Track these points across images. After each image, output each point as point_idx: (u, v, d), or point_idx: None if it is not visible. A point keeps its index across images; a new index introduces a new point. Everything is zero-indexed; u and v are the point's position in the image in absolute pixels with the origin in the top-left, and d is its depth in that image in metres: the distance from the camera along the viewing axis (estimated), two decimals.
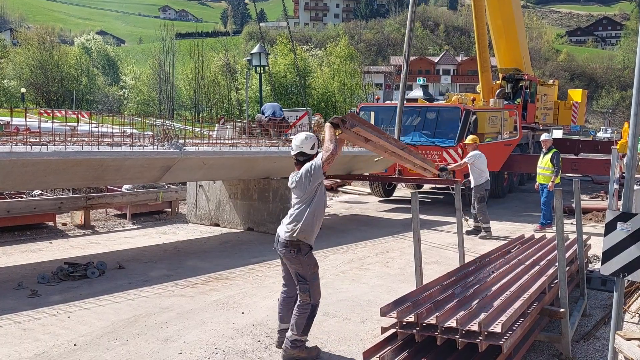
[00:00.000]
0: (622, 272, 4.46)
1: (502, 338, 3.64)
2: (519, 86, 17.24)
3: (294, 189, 4.61)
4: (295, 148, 4.65)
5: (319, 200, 4.54)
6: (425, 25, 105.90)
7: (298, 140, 4.64)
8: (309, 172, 4.47)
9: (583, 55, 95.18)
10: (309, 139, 4.64)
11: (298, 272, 4.54)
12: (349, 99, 50.64)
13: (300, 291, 4.53)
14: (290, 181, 4.64)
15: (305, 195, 4.51)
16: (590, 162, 15.49)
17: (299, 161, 4.63)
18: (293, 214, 4.54)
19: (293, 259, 4.53)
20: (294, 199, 4.63)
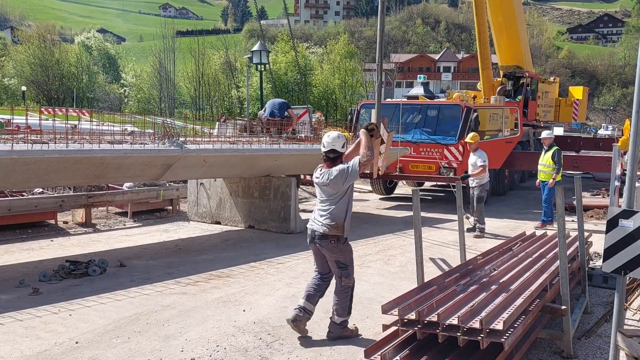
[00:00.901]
0: (623, 270, 4.45)
1: (503, 335, 3.64)
2: (520, 83, 17.21)
3: (324, 186, 4.91)
4: (328, 145, 4.92)
5: (350, 196, 4.95)
6: (426, 22, 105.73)
7: (330, 138, 4.92)
8: (345, 173, 4.79)
9: (584, 52, 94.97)
10: (340, 138, 4.95)
11: (339, 260, 4.94)
12: (350, 97, 50.60)
13: (343, 276, 4.96)
14: (321, 178, 4.93)
15: (338, 193, 4.86)
16: (592, 160, 15.47)
17: (329, 158, 4.93)
18: (328, 210, 4.89)
19: (334, 249, 4.90)
20: (324, 195, 4.96)
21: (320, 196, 4.98)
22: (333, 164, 4.90)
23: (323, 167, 4.99)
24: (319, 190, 4.99)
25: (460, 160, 12.68)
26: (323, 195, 4.95)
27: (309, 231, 5.00)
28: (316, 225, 4.93)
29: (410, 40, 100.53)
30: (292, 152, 9.91)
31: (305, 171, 13.42)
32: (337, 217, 4.83)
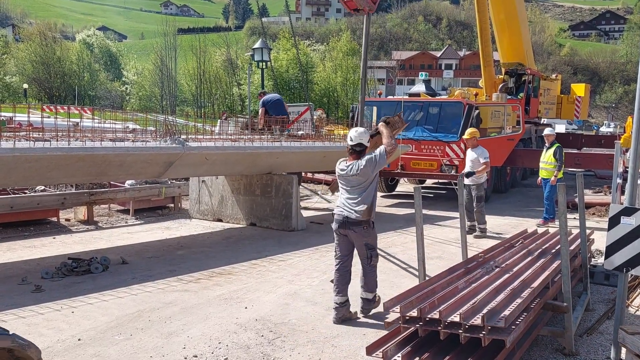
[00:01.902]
0: (625, 267, 4.46)
1: (505, 332, 3.64)
2: (522, 81, 17.17)
3: (354, 176, 5.37)
4: (355, 139, 5.42)
5: (376, 183, 5.49)
6: (428, 19, 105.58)
7: (358, 133, 5.44)
8: (374, 161, 5.34)
9: (586, 49, 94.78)
10: (366, 133, 5.50)
11: (368, 243, 5.46)
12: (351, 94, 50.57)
13: (373, 256, 5.52)
14: (349, 170, 5.40)
15: (367, 181, 5.36)
16: (594, 157, 15.45)
17: (355, 151, 5.43)
18: (359, 197, 5.36)
19: (365, 233, 5.40)
20: (351, 185, 5.42)
21: (347, 186, 5.45)
22: (359, 157, 5.39)
23: (348, 159, 5.47)
24: (345, 181, 5.45)
25: (462, 157, 12.65)
26: (350, 185, 5.42)
27: (339, 218, 5.43)
28: (347, 212, 5.39)
29: (411, 37, 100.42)
30: (294, 149, 9.92)
31: (306, 169, 13.43)
32: (367, 203, 5.33)
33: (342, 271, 5.53)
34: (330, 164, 12.00)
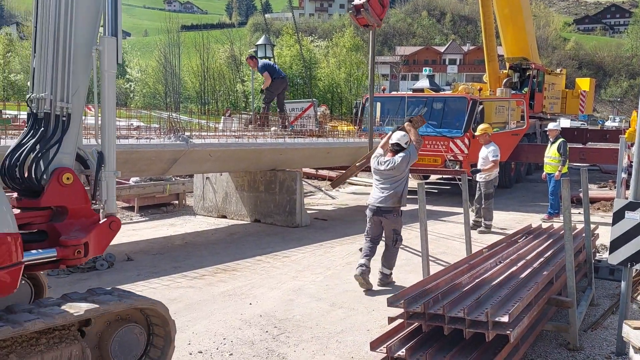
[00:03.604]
0: (630, 261, 4.45)
1: (509, 328, 3.64)
2: (526, 75, 17.10)
3: (389, 170, 6.30)
4: (395, 140, 6.41)
5: (407, 176, 6.44)
6: (432, 14, 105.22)
7: (399, 135, 6.43)
8: (407, 158, 6.32)
9: (591, 43, 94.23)
10: (405, 137, 6.45)
11: (396, 229, 6.44)
12: (355, 90, 50.49)
13: (398, 241, 6.48)
14: (386, 165, 6.33)
15: (401, 174, 6.30)
16: (599, 151, 15.39)
17: (394, 150, 6.39)
18: (391, 188, 6.29)
19: (394, 220, 6.38)
20: (384, 177, 6.34)
21: (381, 179, 6.37)
22: (395, 154, 6.35)
23: (387, 155, 6.44)
24: (379, 175, 6.38)
25: (466, 153, 12.64)
26: (384, 178, 6.34)
27: (373, 207, 6.37)
28: (380, 201, 6.32)
29: (415, 32, 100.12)
30: (298, 146, 9.93)
31: (310, 165, 13.44)
32: (400, 193, 6.30)
33: (370, 248, 6.50)
34: (334, 160, 12.04)
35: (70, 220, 3.60)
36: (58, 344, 3.21)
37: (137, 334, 3.64)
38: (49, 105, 3.59)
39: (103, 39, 3.69)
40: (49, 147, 3.57)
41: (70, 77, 3.60)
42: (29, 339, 3.12)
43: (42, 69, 3.61)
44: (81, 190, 3.68)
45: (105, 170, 3.77)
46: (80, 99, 3.72)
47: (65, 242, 3.51)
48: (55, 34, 3.56)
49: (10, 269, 3.11)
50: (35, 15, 3.68)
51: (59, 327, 3.20)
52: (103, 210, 3.78)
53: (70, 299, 3.46)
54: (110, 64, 3.71)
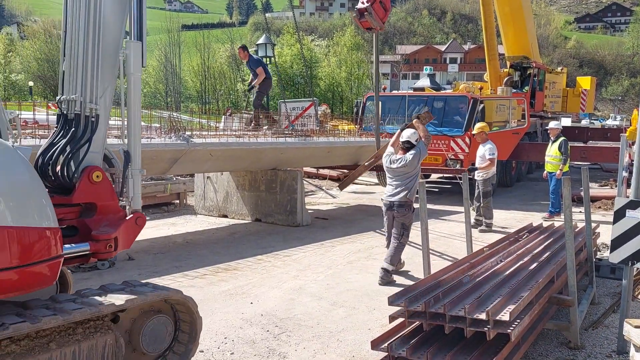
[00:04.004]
0: (631, 260, 4.45)
1: (510, 326, 3.64)
2: (527, 74, 17.09)
3: (401, 167, 6.61)
4: (405, 138, 6.70)
5: (418, 172, 6.72)
6: (432, 13, 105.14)
7: (410, 133, 6.71)
8: (418, 155, 6.63)
9: (592, 42, 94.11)
10: (415, 134, 6.73)
11: (404, 223, 6.70)
12: (356, 89, 50.45)
13: (404, 235, 6.74)
14: (398, 163, 6.64)
15: (413, 171, 6.61)
16: (600, 150, 15.37)
17: (404, 147, 6.71)
18: (403, 184, 6.61)
19: (405, 214, 6.66)
20: (396, 174, 6.68)
21: (393, 175, 6.71)
22: (406, 152, 6.66)
23: (398, 153, 6.76)
24: (391, 172, 6.71)
25: (467, 152, 12.63)
26: (395, 175, 6.68)
27: (387, 202, 6.74)
28: (394, 198, 6.64)
29: (416, 31, 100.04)
30: (298, 145, 9.93)
31: (311, 164, 13.44)
32: (411, 187, 6.62)
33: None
34: (334, 159, 12.04)
35: (99, 216, 3.79)
36: (93, 333, 3.40)
37: (165, 326, 3.81)
38: (79, 107, 3.77)
39: (129, 43, 3.89)
40: (79, 146, 3.75)
41: (99, 80, 3.78)
42: (66, 329, 3.29)
43: (72, 72, 3.78)
44: (109, 187, 3.87)
45: (132, 169, 3.99)
46: (107, 100, 3.90)
47: (97, 237, 3.71)
48: (85, 39, 3.73)
49: (51, 262, 3.26)
50: (65, 21, 3.86)
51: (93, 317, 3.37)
52: (129, 206, 3.97)
53: (109, 290, 3.66)
54: (136, 67, 3.93)
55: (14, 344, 3.09)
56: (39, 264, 3.18)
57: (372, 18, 9.50)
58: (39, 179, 3.34)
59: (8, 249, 3.02)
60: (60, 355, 3.19)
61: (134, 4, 3.92)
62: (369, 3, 9.39)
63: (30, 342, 3.14)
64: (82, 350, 3.29)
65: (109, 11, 3.78)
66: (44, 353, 3.13)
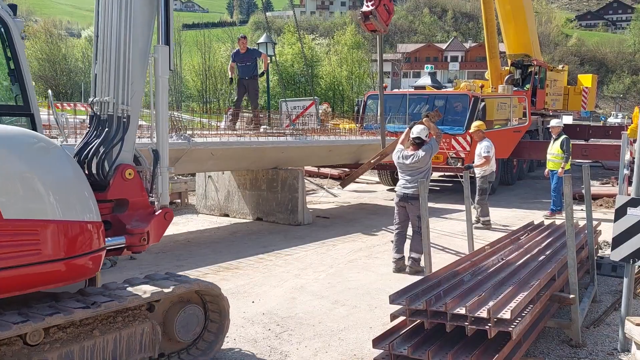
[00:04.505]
0: (632, 258, 4.45)
1: (511, 324, 3.65)
2: (528, 72, 17.08)
3: (414, 163, 6.87)
4: (416, 134, 6.98)
5: (430, 166, 7.06)
6: (433, 11, 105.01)
7: (419, 129, 7.00)
8: (430, 150, 6.93)
9: (593, 39, 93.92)
10: (425, 130, 7.03)
11: (419, 215, 6.47)
12: (357, 88, 50.39)
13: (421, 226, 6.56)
14: (410, 159, 6.90)
15: (425, 166, 6.90)
16: (601, 148, 15.36)
17: (416, 143, 6.98)
18: (416, 180, 6.75)
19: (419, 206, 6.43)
20: (409, 169, 6.94)
21: (406, 170, 6.97)
22: (418, 148, 6.92)
23: (409, 149, 7.00)
24: (404, 167, 6.97)
25: (468, 150, 12.63)
26: (409, 169, 6.94)
27: (400, 194, 7.01)
28: (408, 190, 6.91)
29: (417, 30, 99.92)
30: (299, 144, 9.93)
31: (312, 163, 13.45)
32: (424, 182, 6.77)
33: (400, 234, 7.07)
34: (335, 158, 12.03)
35: (130, 212, 3.98)
36: (132, 321, 3.67)
37: (196, 314, 4.10)
38: (112, 108, 3.97)
39: (157, 47, 4.09)
40: (112, 145, 3.95)
41: (130, 82, 3.98)
42: (107, 317, 3.55)
43: (104, 75, 3.99)
44: (140, 184, 4.06)
45: (160, 166, 4.15)
46: (137, 101, 4.10)
47: (132, 231, 3.90)
48: (117, 44, 3.95)
49: (95, 254, 3.49)
50: (96, 27, 4.08)
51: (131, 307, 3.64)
52: (158, 202, 4.15)
53: (153, 279, 4.01)
54: (164, 70, 4.13)
55: (61, 331, 3.32)
56: (85, 255, 3.41)
57: (376, 21, 9.71)
58: (84, 176, 3.58)
59: (57, 242, 3.24)
60: (103, 342, 3.46)
61: (161, 11, 4.10)
62: (374, 6, 9.60)
63: (75, 329, 3.39)
64: (122, 337, 3.56)
65: (139, 18, 3.98)
66: (88, 340, 3.40)
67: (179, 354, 4.09)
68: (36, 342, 3.17)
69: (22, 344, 3.15)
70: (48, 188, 3.25)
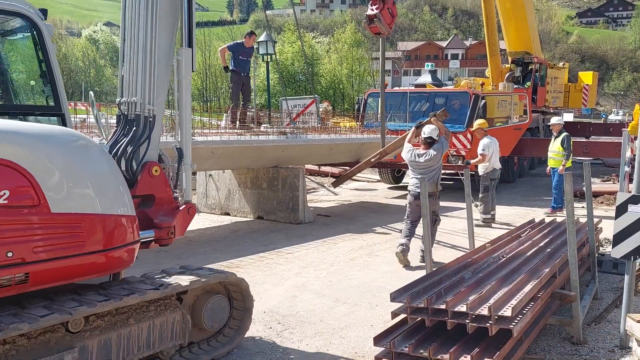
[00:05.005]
0: (633, 255, 4.45)
1: (512, 322, 3.65)
2: (529, 69, 17.07)
3: (427, 161, 7.15)
4: (428, 134, 7.24)
5: (441, 164, 7.37)
6: (433, 9, 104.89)
7: (430, 129, 7.28)
8: (441, 149, 7.23)
9: (594, 36, 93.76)
10: (435, 129, 7.29)
11: (434, 210, 7.14)
12: (357, 86, 50.35)
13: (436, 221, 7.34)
14: (423, 157, 7.18)
15: (436, 164, 7.21)
16: (602, 145, 15.34)
17: (427, 142, 7.23)
18: (429, 177, 7.00)
19: (433, 202, 7.04)
20: (421, 167, 7.20)
21: (418, 169, 7.22)
22: (430, 147, 7.18)
23: (420, 149, 7.27)
24: (416, 165, 7.24)
25: (469, 148, 12.63)
26: (420, 168, 7.19)
27: (414, 192, 7.15)
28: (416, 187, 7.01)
29: (417, 27, 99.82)
30: (300, 142, 9.93)
31: (313, 162, 13.45)
32: (436, 179, 7.23)
33: (410, 229, 7.30)
34: (336, 156, 12.03)
35: (156, 207, 4.17)
36: (164, 310, 3.92)
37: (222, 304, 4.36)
38: (139, 108, 4.16)
39: (180, 50, 4.29)
40: (140, 144, 4.14)
41: (155, 84, 4.18)
42: (141, 307, 3.78)
43: (131, 77, 4.19)
44: (165, 180, 4.26)
45: (184, 164, 4.34)
46: (162, 102, 4.31)
47: (160, 224, 4.12)
48: (143, 48, 4.14)
49: (130, 247, 3.71)
50: (123, 31, 4.29)
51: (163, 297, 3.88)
52: (181, 197, 4.33)
53: (188, 270, 4.32)
54: (187, 72, 4.32)
55: (100, 319, 3.55)
56: (122, 248, 3.63)
57: (380, 24, 9.96)
58: (120, 172, 3.78)
59: (99, 234, 3.47)
60: (137, 330, 3.70)
61: (184, 15, 4.28)
62: (378, 10, 9.85)
63: (112, 318, 3.62)
64: (155, 325, 3.82)
65: (164, 23, 4.18)
66: (124, 327, 3.64)
67: (208, 342, 4.33)
68: (77, 330, 3.39)
69: (65, 331, 3.35)
70: (90, 183, 3.46)
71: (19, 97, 4.29)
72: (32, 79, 4.26)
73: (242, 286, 4.44)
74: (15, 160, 3.10)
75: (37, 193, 3.16)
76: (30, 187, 3.15)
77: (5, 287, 3.09)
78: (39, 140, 3.27)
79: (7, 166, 3.07)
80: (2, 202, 3.04)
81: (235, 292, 4.48)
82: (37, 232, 3.18)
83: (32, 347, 3.21)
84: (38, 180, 3.16)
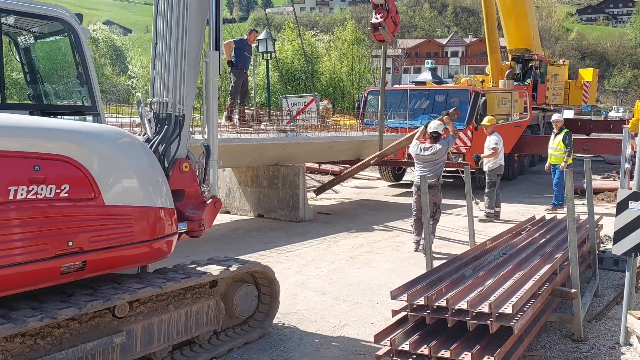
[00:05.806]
0: (634, 252, 4.45)
1: (513, 319, 3.65)
2: (529, 66, 17.03)
3: (432, 155, 7.54)
4: (434, 129, 7.67)
5: (445, 158, 7.73)
6: (433, 6, 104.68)
7: (436, 125, 7.72)
8: (447, 144, 7.66)
9: (594, 33, 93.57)
10: (441, 125, 7.76)
11: (436, 202, 7.61)
12: (357, 84, 50.28)
13: (437, 212, 7.75)
14: (429, 151, 7.55)
15: (441, 158, 7.59)
16: (602, 142, 15.33)
17: (433, 137, 7.65)
18: (433, 170, 7.53)
19: (435, 194, 7.51)
20: (426, 161, 7.60)
21: (422, 162, 7.62)
22: (435, 141, 7.59)
23: (427, 142, 7.62)
24: (421, 159, 7.62)
25: (469, 145, 12.62)
26: (425, 161, 7.60)
27: (419, 183, 7.15)
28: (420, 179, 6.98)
29: (417, 25, 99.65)
30: (300, 140, 9.92)
31: (313, 160, 13.43)
32: (439, 172, 7.65)
33: (418, 221, 7.58)
34: (336, 154, 12.02)
35: (186, 201, 4.35)
36: (199, 298, 4.19)
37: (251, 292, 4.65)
38: (170, 107, 4.33)
39: (208, 52, 4.52)
40: (171, 141, 4.32)
41: (185, 84, 4.37)
42: (178, 294, 4.06)
43: (162, 78, 4.36)
44: (193, 176, 4.45)
45: (211, 160, 4.56)
46: (190, 101, 4.50)
47: (192, 217, 4.32)
48: (175, 51, 4.32)
49: (169, 238, 3.94)
50: (155, 35, 4.47)
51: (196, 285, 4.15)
52: (208, 192, 4.53)
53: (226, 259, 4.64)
54: (214, 73, 4.54)
55: (142, 305, 3.79)
56: (163, 238, 3.85)
57: (384, 32, 10.21)
58: (160, 168, 4.01)
59: (145, 226, 3.71)
60: (176, 315, 3.98)
61: (212, 20, 4.49)
62: (382, 18, 10.09)
63: (153, 304, 3.86)
64: (192, 312, 4.09)
65: (193, 28, 4.38)
66: (165, 313, 3.91)
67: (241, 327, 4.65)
68: (123, 315, 3.63)
69: (111, 316, 3.60)
70: (136, 178, 3.74)
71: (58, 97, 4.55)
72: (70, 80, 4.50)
73: (268, 274, 4.72)
74: (74, 157, 3.33)
75: (93, 187, 3.42)
76: (87, 182, 3.40)
77: (65, 274, 3.33)
78: (91, 137, 3.53)
79: (67, 162, 3.30)
80: (64, 196, 3.27)
81: (261, 278, 4.77)
82: (93, 223, 3.42)
83: (84, 330, 3.46)
84: (94, 175, 3.42)
